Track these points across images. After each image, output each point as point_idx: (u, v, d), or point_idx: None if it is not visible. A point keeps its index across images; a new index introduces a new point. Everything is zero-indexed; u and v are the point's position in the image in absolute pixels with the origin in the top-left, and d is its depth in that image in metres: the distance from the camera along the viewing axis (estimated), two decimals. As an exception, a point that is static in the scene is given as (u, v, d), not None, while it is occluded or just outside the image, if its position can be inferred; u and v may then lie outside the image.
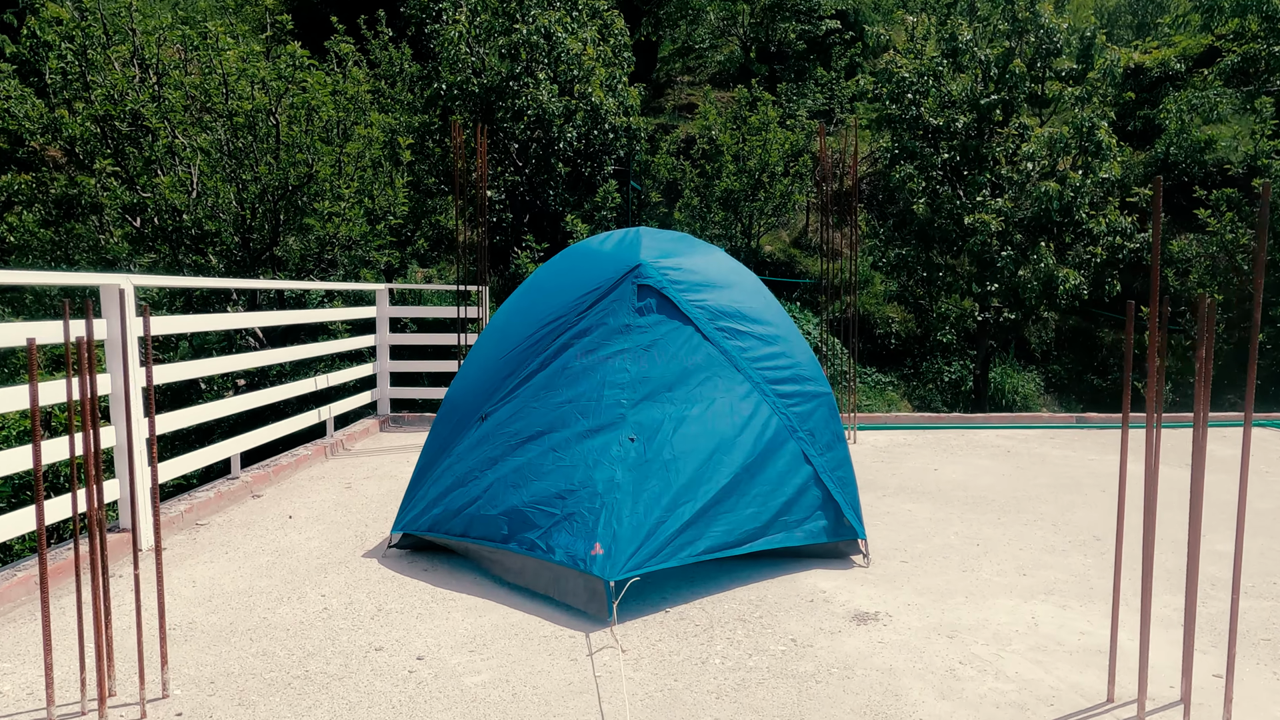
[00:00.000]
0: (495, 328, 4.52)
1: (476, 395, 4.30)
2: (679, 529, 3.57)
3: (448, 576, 3.89)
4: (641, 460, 3.71)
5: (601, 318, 4.21)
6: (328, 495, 5.41)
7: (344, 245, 9.58)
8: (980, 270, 10.34)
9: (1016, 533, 4.59)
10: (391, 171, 9.48)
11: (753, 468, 3.89)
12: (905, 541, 4.43)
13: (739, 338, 4.22)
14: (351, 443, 7.13)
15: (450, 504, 3.94)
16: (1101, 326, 14.41)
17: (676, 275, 4.29)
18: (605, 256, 4.45)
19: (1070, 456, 6.69)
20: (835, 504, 4.06)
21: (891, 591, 3.69)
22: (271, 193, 9.40)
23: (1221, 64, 17.45)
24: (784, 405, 4.12)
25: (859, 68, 22.29)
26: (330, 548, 4.32)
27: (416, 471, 4.26)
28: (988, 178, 10.11)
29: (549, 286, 4.51)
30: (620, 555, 3.39)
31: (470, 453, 4.07)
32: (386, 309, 8.04)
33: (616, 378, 3.97)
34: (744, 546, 3.75)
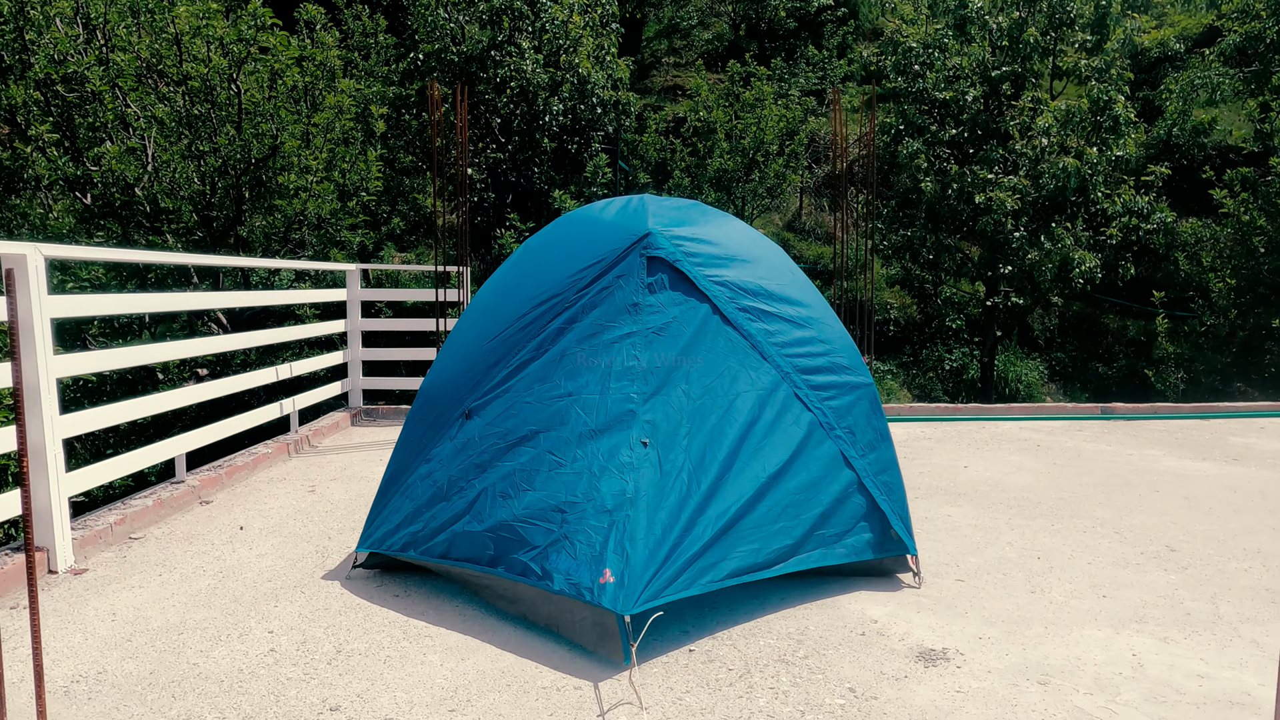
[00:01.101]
0: (479, 308, 3.87)
1: (457, 388, 3.66)
2: (701, 549, 2.95)
3: (424, 604, 3.25)
4: (656, 467, 3.09)
5: (605, 296, 3.57)
6: (288, 501, 4.75)
7: (313, 224, 8.85)
8: (992, 252, 9.78)
9: (1077, 542, 4.02)
10: (364, 143, 8.76)
11: (784, 474, 3.28)
12: (955, 554, 3.85)
13: (765, 320, 3.60)
14: (318, 439, 6.45)
15: (430, 520, 3.30)
16: (1106, 313, 13.94)
17: (692, 247, 3.66)
18: (607, 225, 3.81)
19: (1105, 451, 6.15)
20: (881, 514, 3.46)
21: (956, 620, 3.10)
22: (233, 166, 8.65)
23: (1222, 44, 16.99)
24: (818, 399, 3.51)
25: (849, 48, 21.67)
26: (285, 567, 3.66)
27: (386, 478, 3.61)
28: (1000, 154, 9.53)
29: (542, 259, 3.86)
30: (635, 583, 2.77)
31: (454, 458, 3.42)
32: (358, 291, 7.35)
33: (624, 367, 3.34)
34: (775, 568, 3.14)
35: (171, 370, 8.77)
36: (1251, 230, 10.96)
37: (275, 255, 9.45)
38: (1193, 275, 12.20)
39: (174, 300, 4.86)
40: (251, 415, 5.52)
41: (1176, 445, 6.33)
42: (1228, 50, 16.88)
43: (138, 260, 4.72)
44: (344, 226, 9.02)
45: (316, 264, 6.63)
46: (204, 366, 9.92)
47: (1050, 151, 9.62)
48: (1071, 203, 9.83)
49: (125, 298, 4.33)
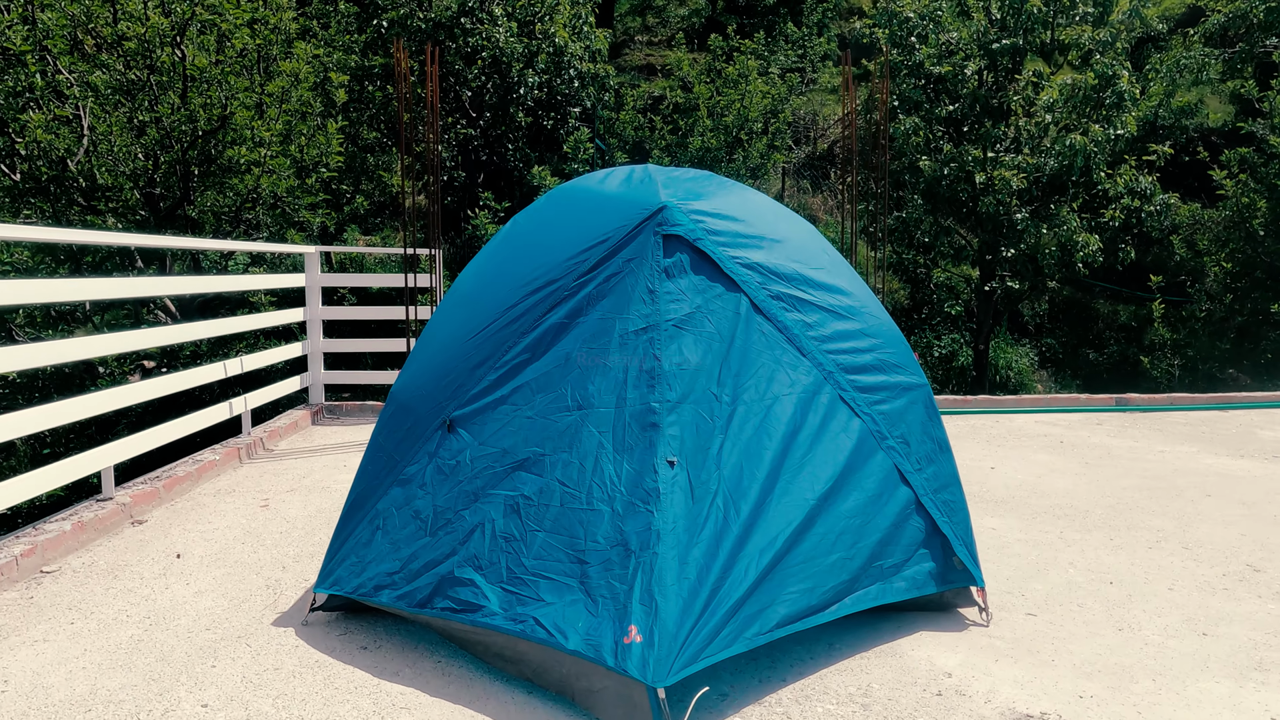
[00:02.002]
0: (459, 297, 3.26)
1: (436, 393, 3.05)
2: (745, 593, 2.39)
3: (399, 660, 2.66)
4: (687, 492, 2.52)
5: (614, 283, 2.97)
6: (236, 519, 4.10)
7: (268, 203, 8.10)
8: (993, 235, 9.31)
9: (1146, 561, 3.53)
10: (323, 115, 8.02)
11: (835, 494, 2.73)
12: (1015, 579, 3.34)
13: (802, 309, 3.03)
14: (275, 441, 5.78)
15: (412, 561, 2.71)
16: (1096, 298, 13.63)
17: (714, 224, 3.08)
18: (611, 199, 3.21)
19: (1135, 448, 5.71)
20: (942, 538, 2.93)
21: (1044, 671, 2.58)
22: (178, 139, 7.86)
23: (1206, 24, 16.73)
24: (867, 403, 2.96)
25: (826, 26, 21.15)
26: (228, 609, 3.04)
27: (351, 502, 3.00)
28: (1003, 130, 9.04)
29: (533, 239, 3.26)
30: (668, 643, 2.21)
31: (441, 484, 2.83)
32: (319, 276, 6.66)
33: (642, 370, 2.75)
34: (830, 611, 2.59)
35: (110, 365, 8.00)
36: (1251, 213, 10.64)
37: (227, 238, 8.69)
38: (1186, 260, 11.90)
39: (105, 287, 4.16)
40: (191, 419, 4.84)
41: (1207, 440, 5.92)
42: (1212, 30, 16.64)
43: (67, 240, 4.03)
44: (302, 206, 8.28)
45: (271, 245, 5.94)
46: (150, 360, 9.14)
47: (1054, 127, 9.16)
48: (1073, 183, 9.39)
49: (49, 284, 3.65)
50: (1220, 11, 16.61)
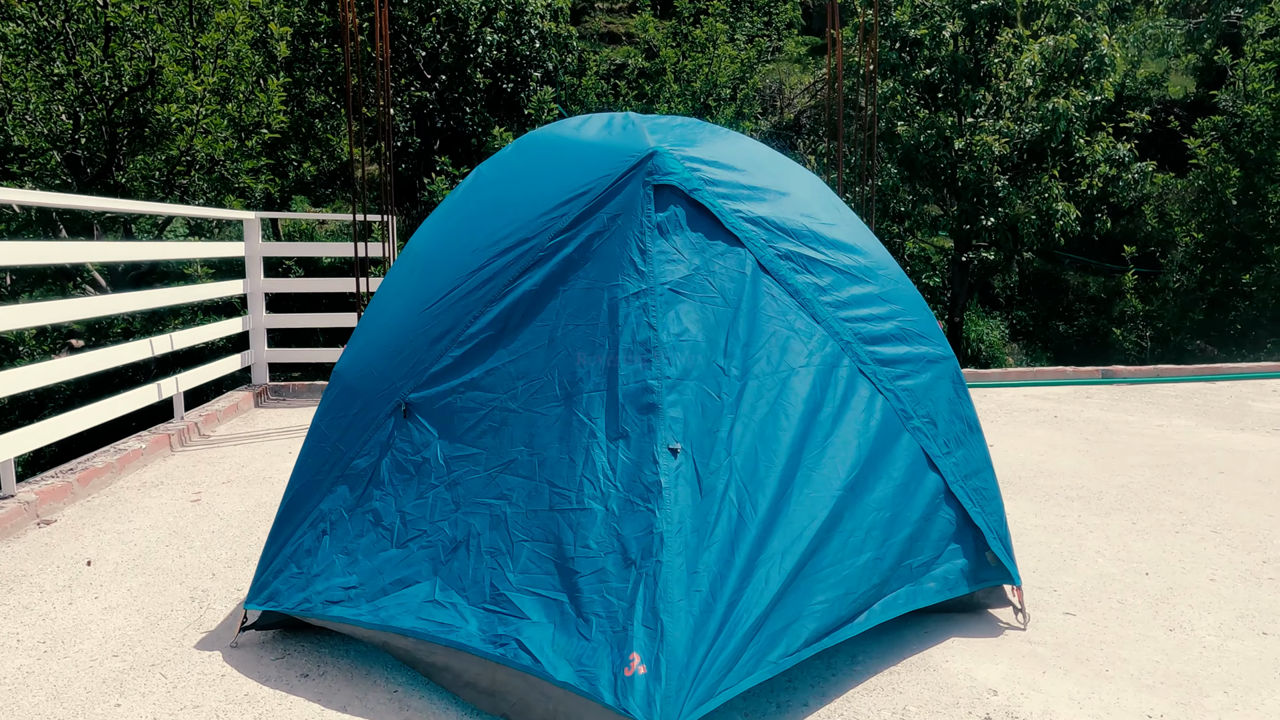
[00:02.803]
0: (414, 261, 2.80)
1: (388, 371, 2.59)
2: (768, 607, 2.00)
3: (347, 691, 2.22)
4: (693, 485, 2.12)
5: (599, 243, 2.54)
6: (161, 517, 3.61)
7: (203, 166, 7.45)
8: (972, 203, 9.02)
9: (1177, 548, 3.24)
10: (263, 70, 7.38)
11: (862, 483, 2.35)
12: (1043, 570, 3.01)
13: (813, 270, 2.63)
14: (211, 426, 5.25)
15: (376, 576, 2.28)
16: (1066, 270, 13.52)
17: (712, 173, 2.65)
18: (590, 147, 2.76)
19: (1132, 422, 5.47)
20: (975, 531, 2.57)
21: (1099, 684, 2.25)
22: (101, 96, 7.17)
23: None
24: (889, 378, 2.58)
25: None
26: (143, 628, 2.57)
27: (288, 503, 2.54)
28: (983, 95, 8.72)
29: (500, 193, 2.80)
30: (679, 675, 1.81)
31: (404, 484, 2.40)
32: (259, 245, 6.08)
33: (636, 343, 2.33)
34: (859, 621, 2.23)
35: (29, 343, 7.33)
36: (1225, 182, 10.53)
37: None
38: (1157, 230, 11.79)
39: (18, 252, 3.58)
40: (110, 404, 4.29)
41: (1202, 414, 5.70)
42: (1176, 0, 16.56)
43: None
44: (243, 171, 7.64)
45: (205, 210, 5.36)
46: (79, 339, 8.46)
47: (1034, 92, 8.86)
48: (1053, 150, 9.13)
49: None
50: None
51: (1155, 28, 16.09)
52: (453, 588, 2.20)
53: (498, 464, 2.36)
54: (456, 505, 2.35)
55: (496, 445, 2.38)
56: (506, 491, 2.30)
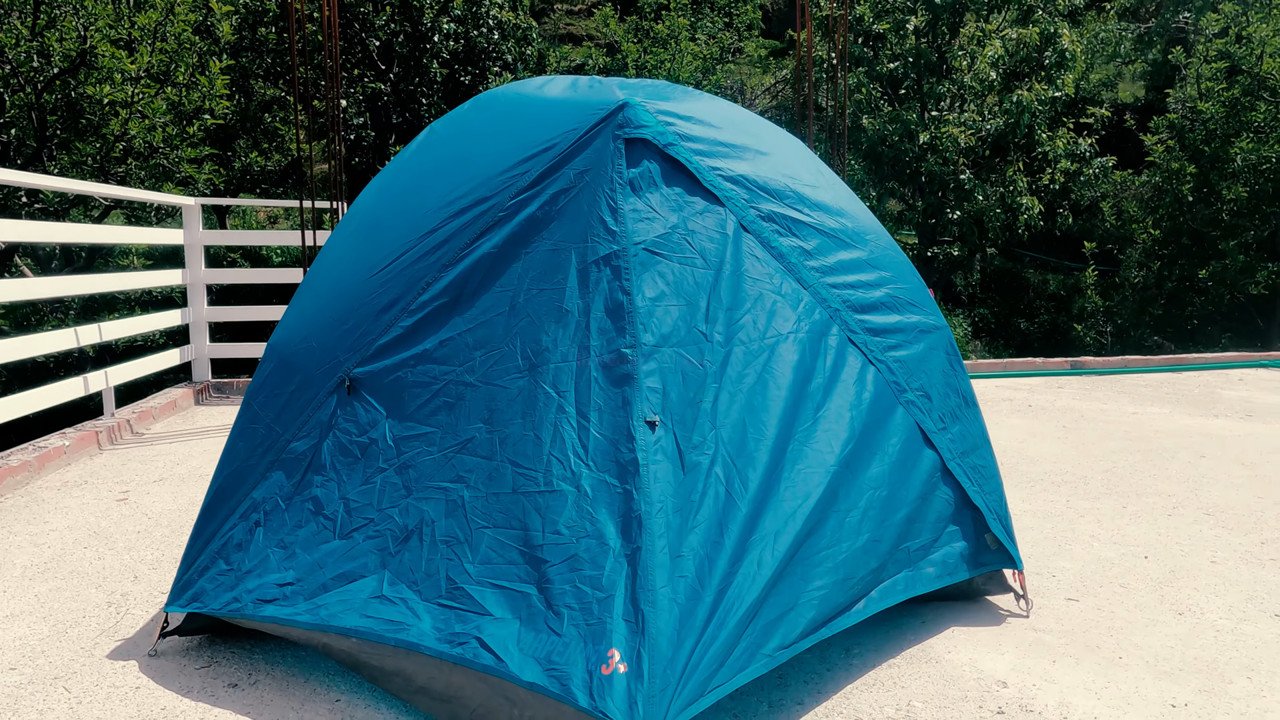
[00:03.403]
0: (360, 223, 2.54)
1: (330, 344, 2.33)
2: (761, 593, 1.78)
3: (283, 701, 1.95)
4: (676, 464, 1.89)
5: (565, 201, 2.30)
6: (81, 517, 3.27)
7: (141, 154, 7.04)
8: (938, 197, 8.97)
9: (1172, 530, 3.10)
10: (205, 53, 7.00)
11: (857, 458, 2.15)
12: (1039, 556, 2.85)
13: (798, 232, 2.43)
14: (146, 423, 4.89)
15: (318, 571, 2.02)
16: (1027, 268, 13.61)
17: (687, 127, 2.44)
18: (555, 103, 2.53)
19: (1106, 410, 5.39)
20: (974, 511, 2.39)
21: (1114, 672, 2.07)
22: (29, 78, 6.73)
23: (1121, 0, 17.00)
24: (880, 348, 2.39)
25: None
26: (49, 638, 2.26)
27: (216, 491, 2.25)
28: (947, 87, 8.67)
29: (455, 151, 2.56)
30: (664, 673, 1.58)
31: (348, 469, 2.15)
32: (200, 233, 5.72)
33: (608, 308, 2.10)
34: (857, 609, 2.02)
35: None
36: (1180, 179, 10.65)
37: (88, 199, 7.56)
38: (1115, 228, 11.91)
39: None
40: (22, 398, 3.93)
41: (1174, 402, 5.65)
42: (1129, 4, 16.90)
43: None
44: (184, 160, 7.24)
45: (142, 193, 4.99)
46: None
47: (997, 86, 8.85)
48: (1016, 145, 9.13)
49: None
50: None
51: (1107, 31, 16.37)
52: (403, 582, 1.95)
53: (453, 444, 2.11)
54: (408, 490, 2.09)
55: (452, 423, 2.13)
56: (464, 474, 2.06)
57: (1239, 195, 10.48)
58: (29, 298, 4.06)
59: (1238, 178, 10.43)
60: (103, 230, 4.69)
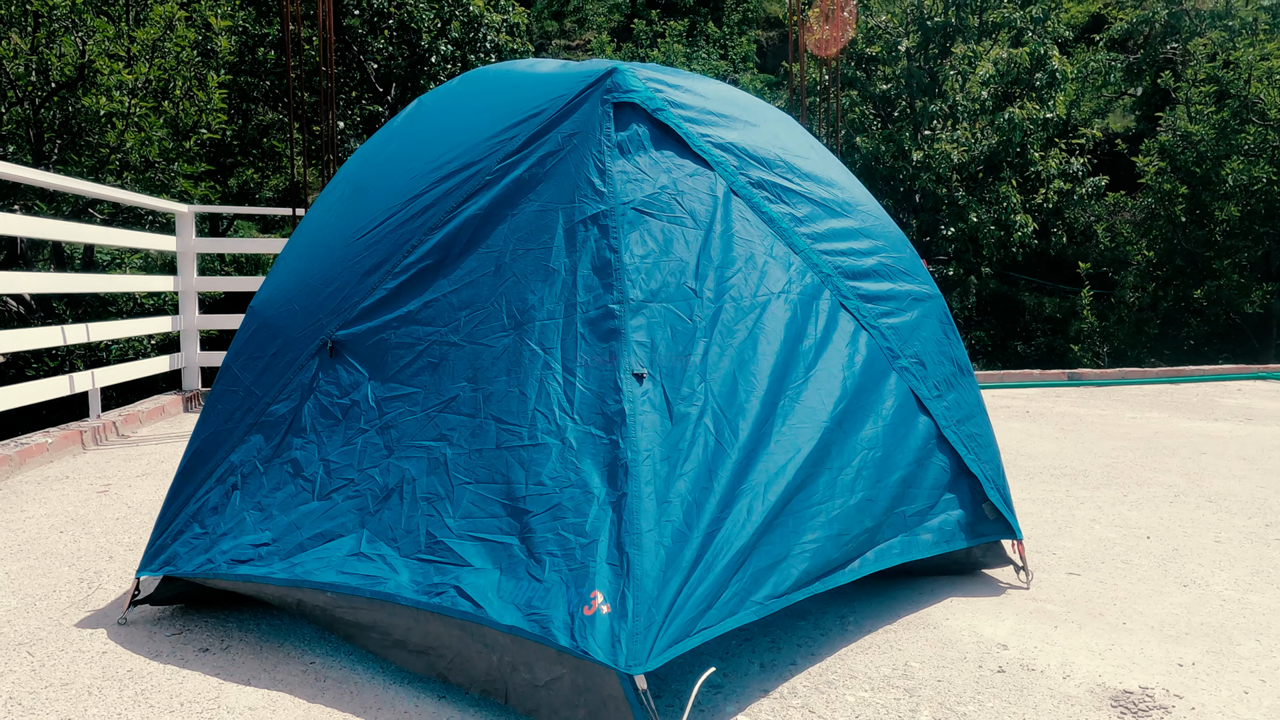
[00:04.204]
0: (346, 187, 2.51)
1: (313, 307, 2.29)
2: (751, 540, 1.72)
3: (255, 663, 1.87)
4: (663, 412, 1.84)
5: (553, 164, 2.28)
6: (60, 506, 3.20)
7: (137, 167, 7.06)
8: (932, 214, 9.00)
9: (1174, 514, 3.04)
10: (201, 68, 7.05)
11: (849, 417, 2.10)
12: (1039, 537, 2.78)
13: (788, 199, 2.41)
14: (133, 426, 4.82)
15: (294, 531, 1.96)
16: (1022, 291, 13.63)
17: (677, 95, 2.43)
18: (544, 76, 2.52)
19: (1105, 415, 5.34)
20: (971, 480, 2.33)
21: (1119, 636, 2.00)
22: (27, 93, 6.77)
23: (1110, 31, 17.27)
24: (873, 315, 2.35)
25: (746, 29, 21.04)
26: (16, 610, 2.19)
27: (192, 455, 2.20)
28: (940, 106, 8.76)
29: (444, 121, 2.54)
30: (648, 612, 1.51)
31: (329, 430, 2.10)
32: (193, 241, 5.71)
33: (595, 265, 2.07)
34: (852, 568, 1.96)
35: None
36: (1173, 200, 10.71)
37: (84, 213, 7.57)
38: (1109, 249, 11.95)
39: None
40: (10, 391, 3.87)
41: (1173, 408, 5.60)
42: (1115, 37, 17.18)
43: None
44: (179, 174, 7.26)
45: (136, 197, 4.99)
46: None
47: (989, 105, 8.94)
48: (1009, 164, 9.19)
49: None
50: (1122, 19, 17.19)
51: (1097, 61, 16.62)
52: (381, 539, 1.88)
53: (436, 403, 2.06)
54: (389, 450, 2.04)
55: (435, 383, 2.08)
56: (447, 432, 2.00)
57: (1231, 215, 10.54)
58: (25, 290, 4.03)
59: (1230, 198, 10.50)
60: (95, 231, 4.67)
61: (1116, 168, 13.09)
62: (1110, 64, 16.91)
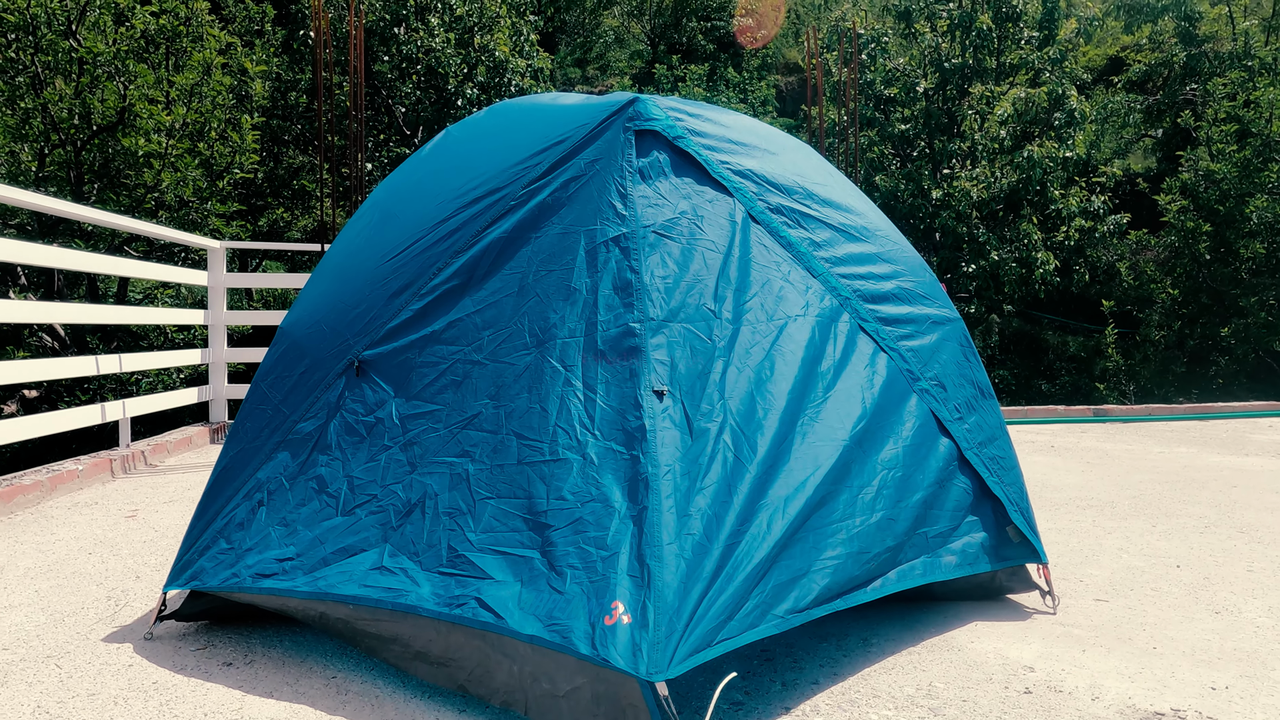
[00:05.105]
0: (375, 213, 2.58)
1: (341, 327, 2.34)
2: (771, 554, 1.72)
3: (278, 676, 1.89)
4: (683, 428, 1.86)
5: (576, 189, 2.34)
6: (89, 530, 3.25)
7: (172, 206, 7.27)
8: (952, 251, 9.02)
9: (1205, 545, 2.98)
10: (235, 111, 7.29)
11: (869, 437, 2.10)
12: (1065, 565, 2.74)
13: (806, 225, 2.44)
14: (160, 456, 4.89)
15: (318, 546, 1.98)
16: (1045, 329, 13.54)
17: (696, 124, 2.49)
18: (567, 108, 2.59)
19: (1132, 450, 5.26)
20: (994, 502, 2.31)
21: (1149, 660, 1.96)
22: (70, 136, 7.02)
23: (1129, 73, 17.36)
24: (892, 338, 2.37)
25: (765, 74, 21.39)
26: (45, 624, 2.22)
27: (220, 472, 2.24)
28: (958, 145, 8.83)
29: (470, 149, 2.62)
30: (669, 621, 1.52)
31: (353, 447, 2.14)
32: (223, 276, 5.85)
33: (616, 285, 2.11)
34: (874, 587, 1.94)
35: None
36: (1196, 238, 10.66)
37: (124, 249, 7.78)
38: (1132, 288, 11.86)
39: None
40: (38, 420, 3.94)
41: (1202, 443, 5.51)
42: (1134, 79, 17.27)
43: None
44: (212, 213, 7.46)
45: (170, 232, 5.14)
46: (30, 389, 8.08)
47: (1008, 144, 9.00)
48: (1029, 202, 9.21)
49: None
50: (1141, 62, 17.29)
51: (1115, 103, 16.68)
52: (404, 553, 1.90)
53: (459, 420, 2.09)
54: (412, 466, 2.07)
55: (458, 400, 2.12)
56: (469, 448, 2.03)
57: (1257, 253, 10.45)
58: (61, 320, 4.13)
59: (1255, 235, 10.43)
60: (130, 264, 4.80)
61: (1138, 207, 13.07)
62: (1130, 105, 17.00)
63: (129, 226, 4.74)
